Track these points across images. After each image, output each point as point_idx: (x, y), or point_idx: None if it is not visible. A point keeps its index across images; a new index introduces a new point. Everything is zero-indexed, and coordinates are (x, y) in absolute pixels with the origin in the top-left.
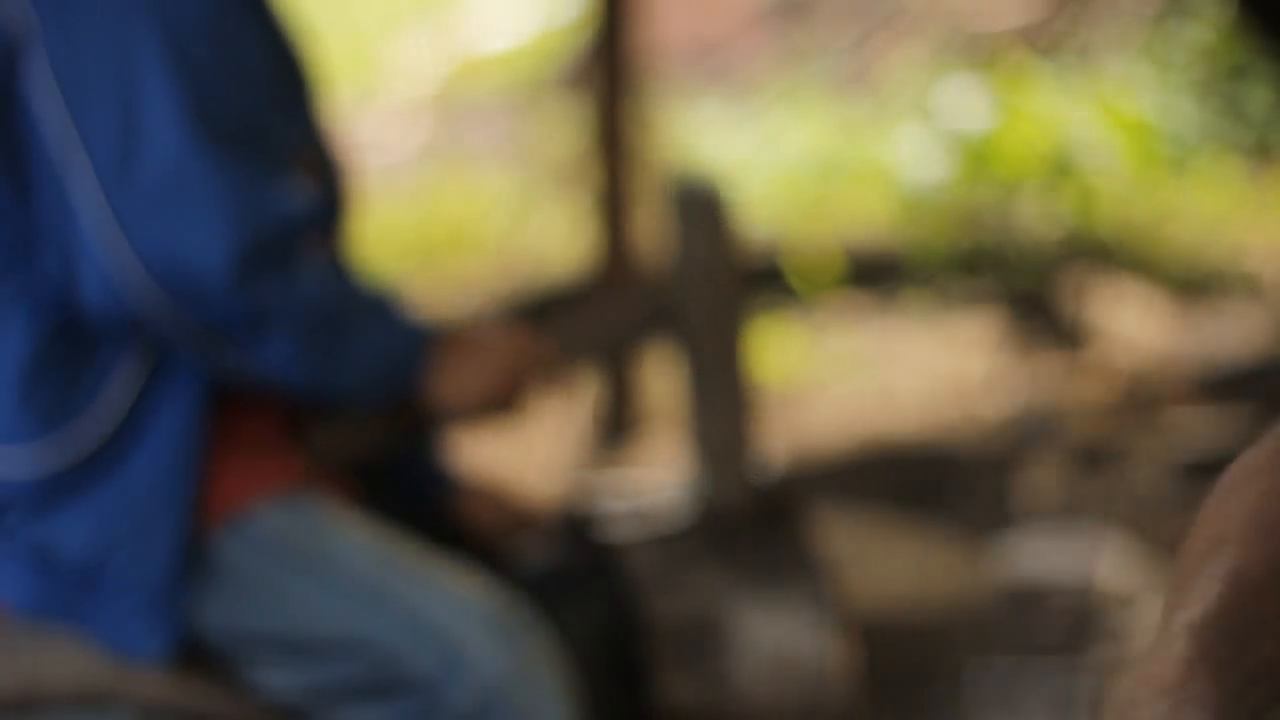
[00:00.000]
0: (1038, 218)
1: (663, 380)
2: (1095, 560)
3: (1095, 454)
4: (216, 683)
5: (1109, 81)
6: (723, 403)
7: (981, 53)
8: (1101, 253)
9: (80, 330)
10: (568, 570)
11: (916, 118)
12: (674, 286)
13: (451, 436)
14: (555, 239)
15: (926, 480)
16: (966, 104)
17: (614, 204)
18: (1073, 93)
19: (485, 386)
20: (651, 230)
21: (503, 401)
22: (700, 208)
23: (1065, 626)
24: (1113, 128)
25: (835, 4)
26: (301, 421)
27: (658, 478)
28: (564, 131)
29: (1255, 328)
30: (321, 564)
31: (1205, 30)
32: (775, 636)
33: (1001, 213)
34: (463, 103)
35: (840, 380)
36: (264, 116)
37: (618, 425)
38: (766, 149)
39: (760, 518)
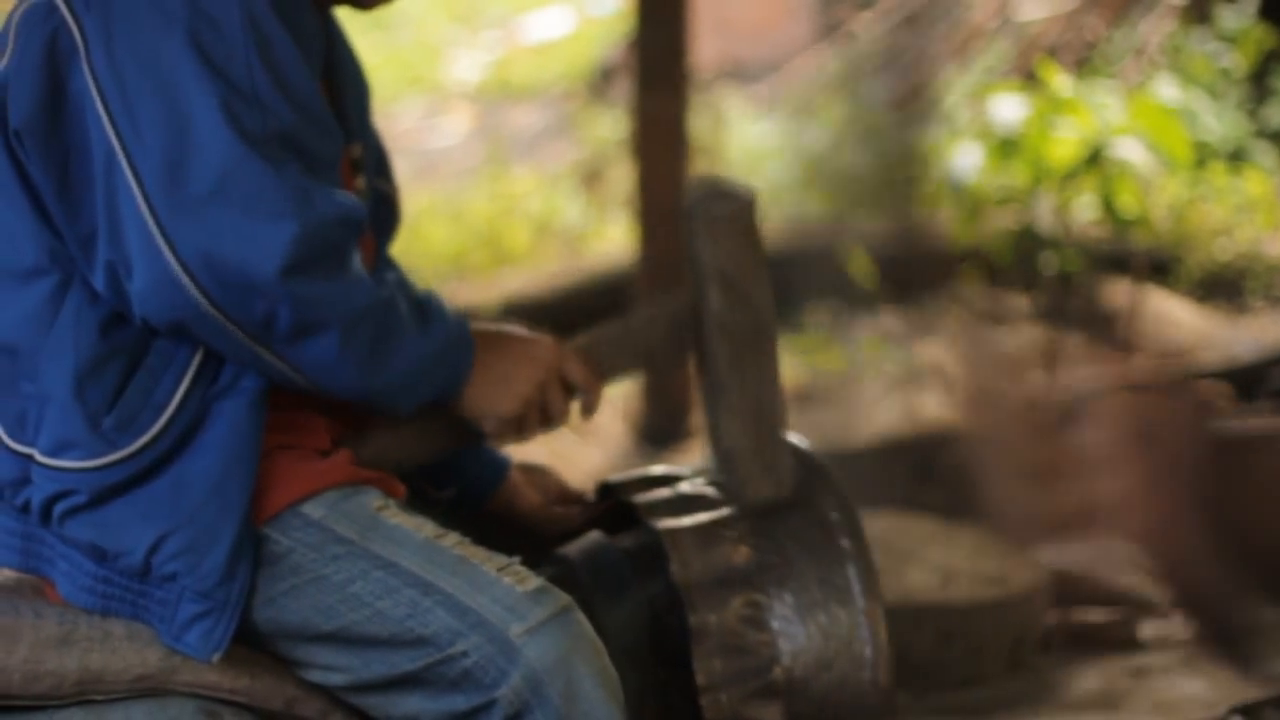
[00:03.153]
0: (1071, 208)
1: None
2: (1130, 556)
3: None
4: (271, 674)
5: (1140, 74)
6: (753, 414)
7: (1016, 46)
8: (1136, 243)
9: (133, 332)
10: (612, 558)
11: (955, 111)
12: (700, 294)
13: (482, 444)
14: (595, 225)
15: (965, 468)
16: (1002, 97)
17: (653, 193)
18: (1105, 86)
19: (520, 396)
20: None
21: (536, 412)
22: (724, 214)
23: (1098, 624)
24: (1145, 121)
25: None
26: (350, 423)
27: (697, 468)
28: (605, 121)
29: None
30: (369, 558)
31: (1234, 22)
32: (821, 626)
33: (1036, 204)
34: (508, 91)
35: (881, 367)
36: (309, 122)
37: (662, 429)
38: (804, 141)
39: (801, 506)
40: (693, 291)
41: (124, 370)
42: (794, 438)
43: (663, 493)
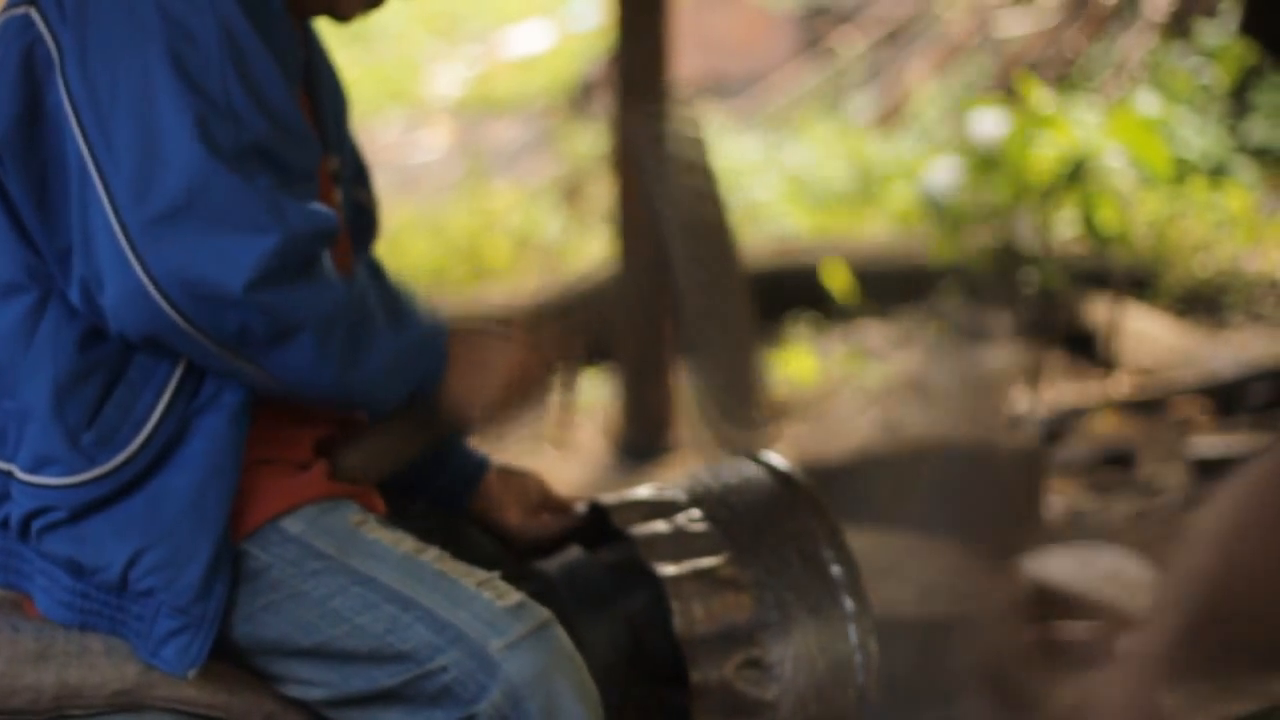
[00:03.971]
0: (1051, 224)
1: (688, 403)
2: (1112, 570)
3: (1112, 456)
4: (250, 689)
5: (1121, 90)
6: (724, 342)
7: (997, 61)
8: (1116, 259)
9: (112, 347)
10: (592, 573)
11: (933, 127)
12: (664, 243)
13: (469, 436)
14: (575, 240)
15: (947, 484)
16: (983, 112)
17: (633, 208)
18: (1085, 101)
19: (499, 382)
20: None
21: (517, 395)
22: (669, 158)
23: (1084, 639)
24: (1126, 135)
25: (854, 14)
26: (329, 436)
27: (688, 488)
28: (585, 136)
29: (1264, 332)
30: (348, 574)
31: (1214, 38)
32: (810, 645)
33: (1016, 219)
34: (488, 106)
35: (861, 382)
36: (285, 135)
37: (641, 444)
38: (785, 157)
39: (787, 522)
40: (657, 242)
41: (103, 386)
42: (785, 464)
43: (660, 527)
